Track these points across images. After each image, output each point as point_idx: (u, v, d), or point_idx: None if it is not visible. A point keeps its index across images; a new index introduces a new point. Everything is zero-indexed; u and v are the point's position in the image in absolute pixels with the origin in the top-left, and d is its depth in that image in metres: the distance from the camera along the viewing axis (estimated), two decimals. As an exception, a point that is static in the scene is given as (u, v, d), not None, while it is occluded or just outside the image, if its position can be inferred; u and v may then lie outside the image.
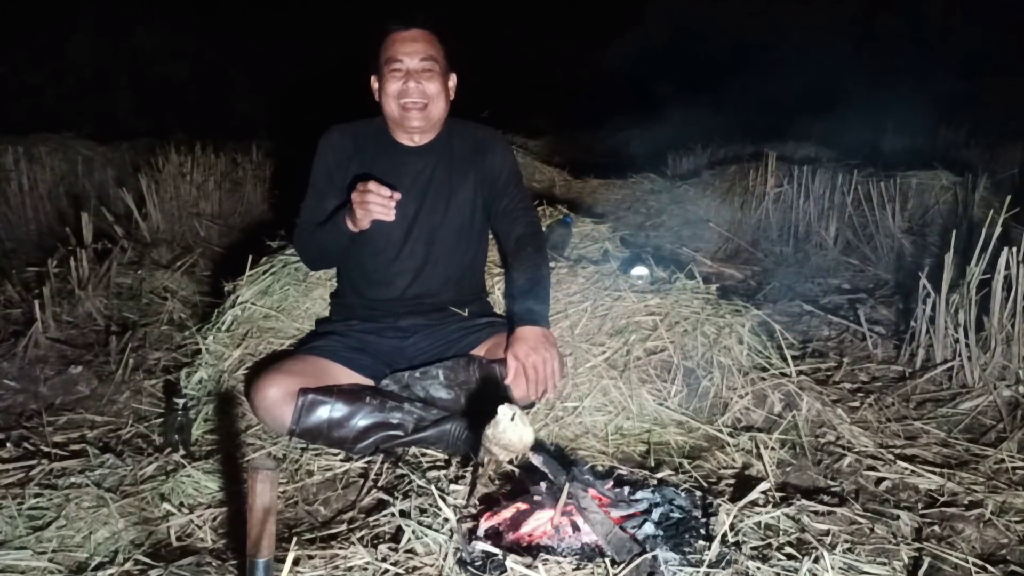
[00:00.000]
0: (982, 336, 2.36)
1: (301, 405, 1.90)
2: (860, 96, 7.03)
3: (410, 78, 2.05)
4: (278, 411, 1.92)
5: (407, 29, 2.06)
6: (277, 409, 1.92)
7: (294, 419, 1.91)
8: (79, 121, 6.02)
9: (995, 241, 2.35)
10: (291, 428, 1.92)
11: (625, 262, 2.70)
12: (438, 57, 2.09)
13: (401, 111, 2.08)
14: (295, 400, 1.91)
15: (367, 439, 1.92)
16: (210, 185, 4.64)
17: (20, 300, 3.02)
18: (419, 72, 2.05)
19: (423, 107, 2.07)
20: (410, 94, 2.06)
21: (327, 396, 1.92)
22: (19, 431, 2.08)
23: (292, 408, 1.91)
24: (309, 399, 1.91)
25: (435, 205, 2.16)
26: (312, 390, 1.92)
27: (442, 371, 2.07)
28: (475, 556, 1.39)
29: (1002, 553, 1.59)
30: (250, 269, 2.62)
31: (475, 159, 2.19)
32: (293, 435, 1.94)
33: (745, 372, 2.20)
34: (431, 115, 2.10)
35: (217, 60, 8.97)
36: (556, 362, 2.00)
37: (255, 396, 1.95)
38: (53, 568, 1.48)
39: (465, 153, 2.19)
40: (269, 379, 1.95)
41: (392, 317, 2.18)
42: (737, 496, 1.64)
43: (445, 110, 2.14)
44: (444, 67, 2.11)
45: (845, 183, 3.99)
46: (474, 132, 2.23)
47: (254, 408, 1.99)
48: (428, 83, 2.06)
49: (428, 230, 2.16)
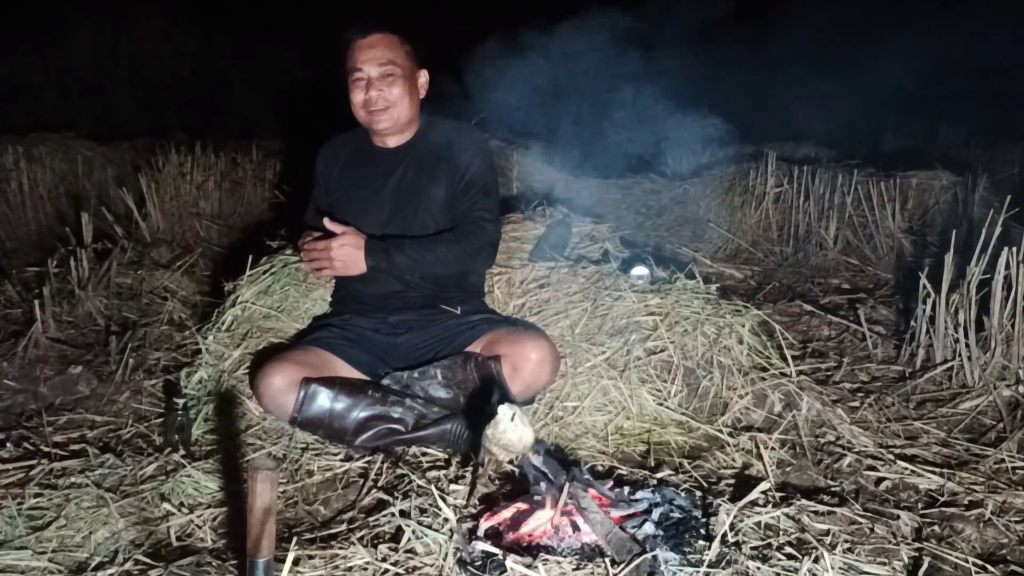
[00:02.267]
0: (982, 336, 2.36)
1: (304, 394, 1.93)
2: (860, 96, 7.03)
3: (371, 86, 2.09)
4: (281, 399, 1.95)
5: (364, 36, 2.10)
6: (281, 397, 1.95)
7: (296, 407, 1.93)
8: (79, 121, 6.03)
9: (995, 241, 2.35)
10: (293, 416, 1.94)
11: (625, 262, 2.70)
12: (398, 60, 2.11)
13: (367, 116, 2.14)
14: (298, 389, 1.93)
15: (368, 432, 1.93)
16: (210, 185, 4.64)
17: (20, 300, 3.02)
18: (380, 79, 2.10)
19: (386, 109, 2.12)
20: (373, 102, 2.10)
21: (330, 387, 1.95)
22: (19, 431, 2.08)
23: (295, 397, 1.93)
24: (312, 389, 1.93)
25: (407, 206, 2.18)
26: (315, 380, 1.95)
27: (440, 371, 2.07)
28: (475, 556, 1.39)
29: (1002, 553, 1.59)
30: (250, 269, 2.62)
31: (446, 158, 2.19)
32: (295, 423, 1.95)
33: (745, 372, 2.20)
34: (396, 118, 2.14)
35: (217, 60, 8.97)
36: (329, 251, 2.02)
37: (260, 383, 1.97)
38: (53, 568, 1.48)
39: (437, 153, 2.19)
40: (274, 367, 1.97)
41: (382, 312, 2.20)
42: (737, 496, 1.64)
43: (412, 110, 2.17)
44: (409, 67, 2.14)
45: (845, 183, 3.99)
46: (449, 131, 2.23)
47: (258, 395, 2.00)
48: (390, 88, 2.10)
49: (401, 230, 2.17)
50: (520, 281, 2.62)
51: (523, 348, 2.02)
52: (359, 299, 2.23)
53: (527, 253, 2.72)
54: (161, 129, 5.88)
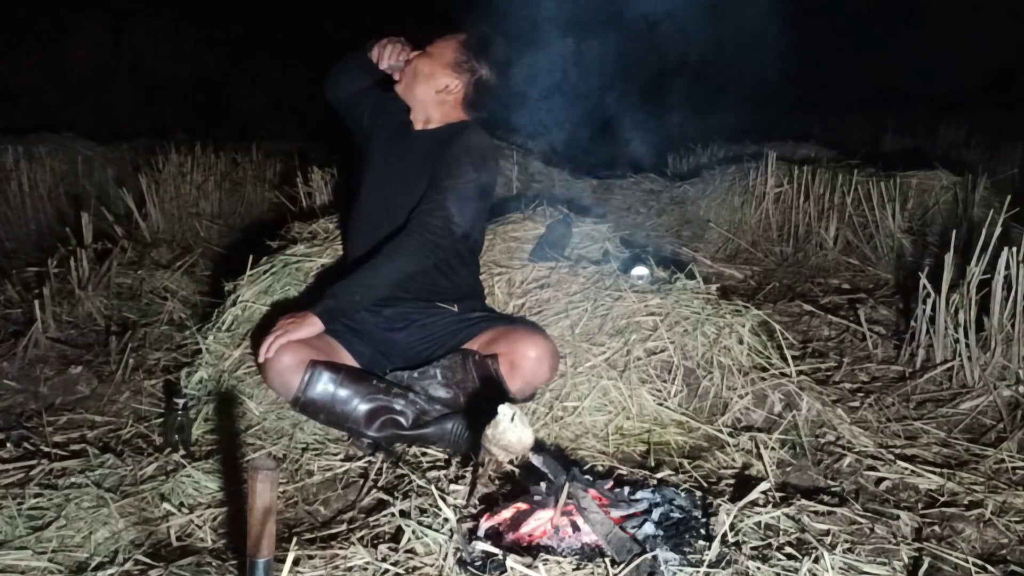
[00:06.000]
0: (982, 336, 2.36)
1: (309, 376, 1.93)
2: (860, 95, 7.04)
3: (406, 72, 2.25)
4: (288, 376, 1.95)
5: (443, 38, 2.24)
6: (288, 375, 1.95)
7: (300, 387, 1.93)
8: (79, 121, 6.03)
9: (995, 241, 2.35)
10: (296, 396, 1.94)
11: (625, 262, 2.70)
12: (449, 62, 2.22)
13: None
14: (304, 370, 1.93)
15: (368, 421, 1.94)
16: (210, 185, 4.64)
17: (20, 300, 3.02)
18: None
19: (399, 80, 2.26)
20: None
21: (335, 372, 1.96)
22: (19, 431, 2.08)
23: (300, 376, 1.93)
24: (318, 371, 1.94)
25: (408, 187, 2.19)
26: (322, 363, 1.96)
27: (439, 370, 2.07)
28: (475, 556, 1.39)
29: (1002, 553, 1.59)
30: (250, 269, 2.62)
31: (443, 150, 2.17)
32: (297, 403, 1.95)
33: (745, 372, 2.20)
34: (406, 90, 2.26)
35: (217, 60, 8.98)
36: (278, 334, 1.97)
37: (268, 361, 1.97)
38: (53, 568, 1.48)
39: (443, 147, 2.18)
40: (284, 345, 1.96)
41: (377, 304, 2.16)
42: (737, 496, 1.64)
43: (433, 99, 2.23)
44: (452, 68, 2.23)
45: (845, 183, 3.99)
46: (468, 136, 2.19)
47: (264, 371, 2.00)
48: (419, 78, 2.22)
49: (401, 208, 2.17)
50: (520, 281, 2.62)
51: (521, 345, 2.02)
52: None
53: (527, 253, 2.72)
54: (161, 129, 5.88)
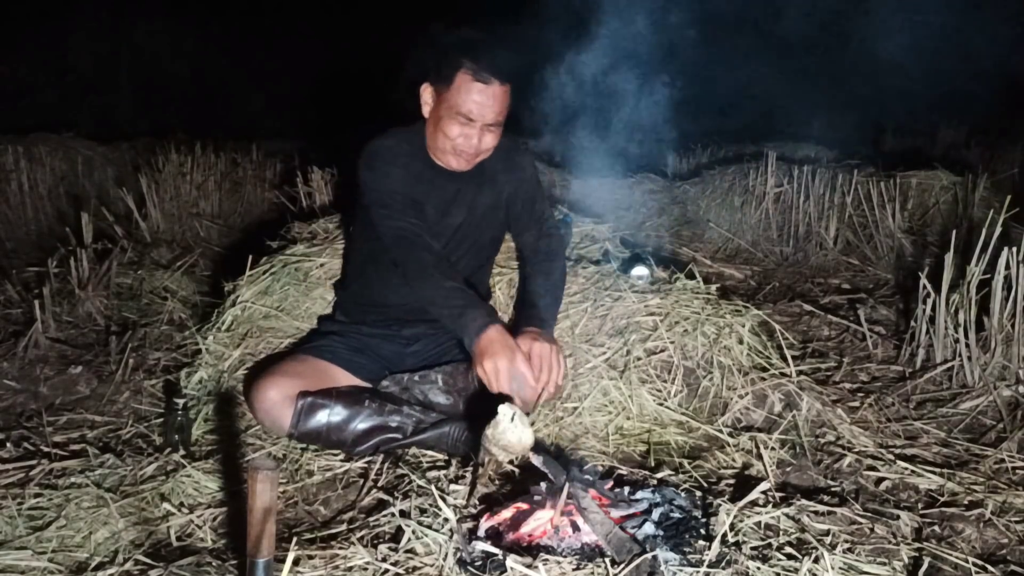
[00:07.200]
0: (982, 336, 2.36)
1: (300, 408, 1.90)
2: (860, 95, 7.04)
3: (474, 133, 1.93)
4: (277, 413, 1.92)
5: (488, 84, 1.87)
6: (276, 411, 1.92)
7: (293, 422, 1.91)
8: (79, 121, 6.03)
9: (995, 241, 2.35)
10: (290, 431, 1.92)
11: (625, 262, 2.70)
12: (505, 111, 1.95)
13: (452, 151, 1.96)
14: (294, 403, 1.90)
15: (366, 442, 1.92)
16: (210, 185, 4.64)
17: (20, 300, 3.02)
18: (485, 128, 1.93)
19: (476, 156, 1.98)
20: (469, 146, 1.94)
21: (326, 399, 1.92)
22: (19, 431, 2.08)
23: (291, 411, 1.90)
24: (308, 402, 1.90)
25: (472, 221, 2.10)
26: (311, 394, 1.92)
27: (441, 376, 2.07)
28: (475, 556, 1.39)
29: (1002, 553, 1.59)
30: (250, 269, 2.62)
31: (506, 175, 2.12)
32: (292, 438, 1.94)
33: (745, 372, 2.20)
34: (475, 163, 2.02)
35: (217, 60, 8.98)
36: (558, 355, 1.80)
37: (254, 398, 1.94)
38: (53, 568, 1.48)
39: (496, 170, 2.10)
40: (268, 381, 1.94)
41: (399, 324, 2.16)
42: (737, 496, 1.64)
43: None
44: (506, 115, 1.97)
45: (845, 183, 3.99)
46: (501, 146, 2.07)
47: (253, 410, 1.98)
48: (488, 136, 1.95)
49: (466, 246, 2.11)
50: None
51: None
52: (382, 308, 2.16)
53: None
54: (161, 129, 5.88)
